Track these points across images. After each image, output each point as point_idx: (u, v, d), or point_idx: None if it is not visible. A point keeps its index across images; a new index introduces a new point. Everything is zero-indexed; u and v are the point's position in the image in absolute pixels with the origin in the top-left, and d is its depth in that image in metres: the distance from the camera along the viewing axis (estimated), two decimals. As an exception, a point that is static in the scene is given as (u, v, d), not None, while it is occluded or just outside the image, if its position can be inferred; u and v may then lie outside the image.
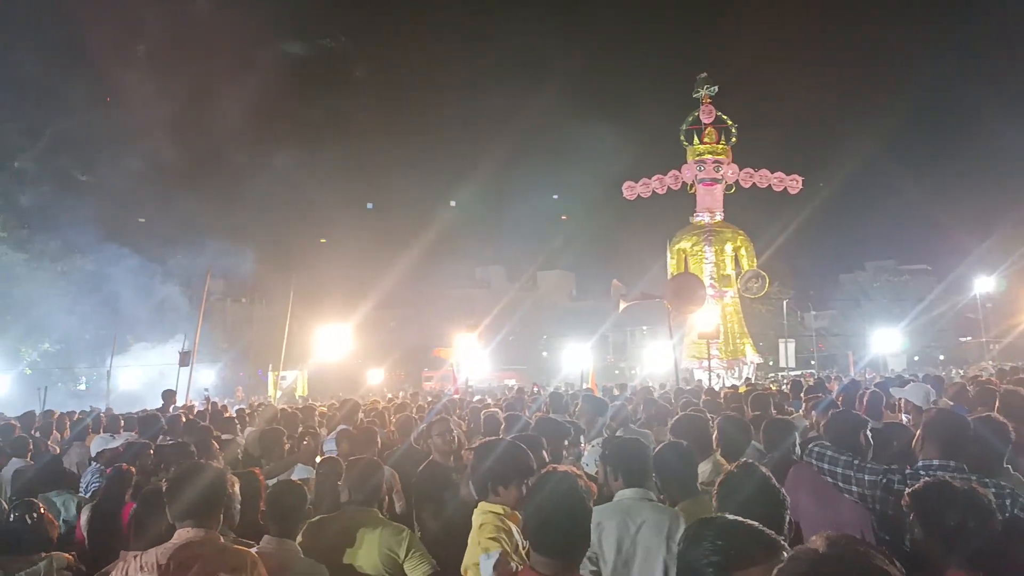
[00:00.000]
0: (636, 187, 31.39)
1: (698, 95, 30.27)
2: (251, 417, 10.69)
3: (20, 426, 9.82)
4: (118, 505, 5.29)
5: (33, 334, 31.04)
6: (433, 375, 38.72)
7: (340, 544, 3.91)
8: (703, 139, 29.94)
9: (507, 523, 3.40)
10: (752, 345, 29.03)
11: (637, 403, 9.69)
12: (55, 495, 5.71)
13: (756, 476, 3.12)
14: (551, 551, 2.65)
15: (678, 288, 18.95)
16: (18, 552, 4.10)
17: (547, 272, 72.42)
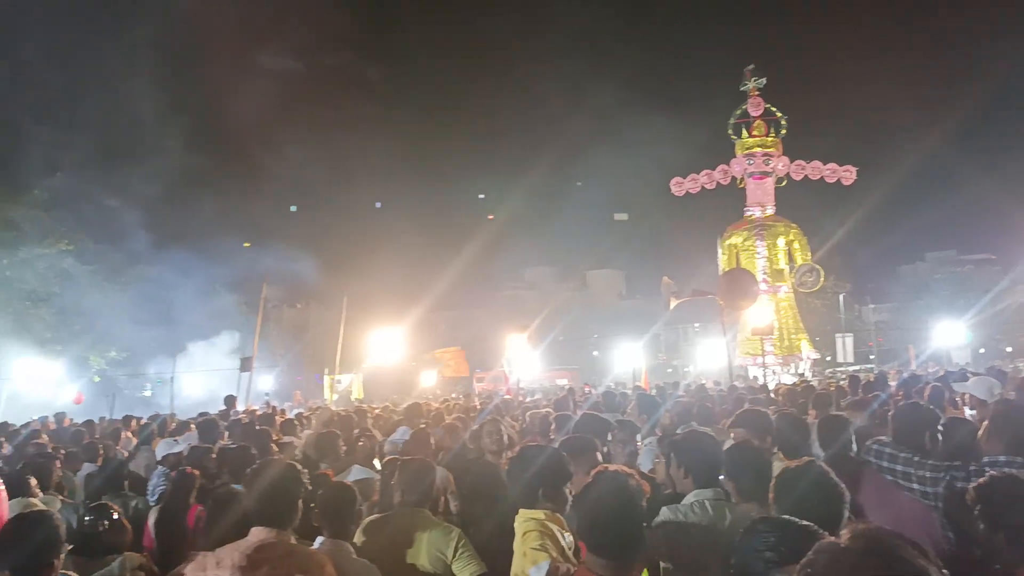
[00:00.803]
0: (684, 183, 31.09)
1: (746, 88, 29.87)
2: (308, 420, 10.87)
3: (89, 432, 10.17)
4: (183, 507, 5.44)
5: (100, 343, 31.95)
6: (485, 376, 38.82)
7: (393, 544, 3.95)
8: (752, 132, 29.53)
9: (550, 527, 3.39)
10: (808, 340, 28.54)
11: (691, 401, 9.63)
12: (124, 498, 5.88)
13: (814, 472, 3.08)
14: (606, 551, 2.67)
15: (730, 284, 18.71)
16: (93, 554, 4.24)
17: (596, 271, 72.16)
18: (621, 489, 2.76)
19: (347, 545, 3.69)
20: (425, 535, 3.96)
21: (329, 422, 9.24)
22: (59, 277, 31.46)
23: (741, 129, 29.84)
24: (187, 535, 5.23)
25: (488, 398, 16.42)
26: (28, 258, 30.29)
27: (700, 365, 34.36)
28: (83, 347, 30.99)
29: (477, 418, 8.61)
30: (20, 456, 7.81)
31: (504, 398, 14.49)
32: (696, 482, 3.78)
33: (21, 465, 6.08)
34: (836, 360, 30.94)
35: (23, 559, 2.71)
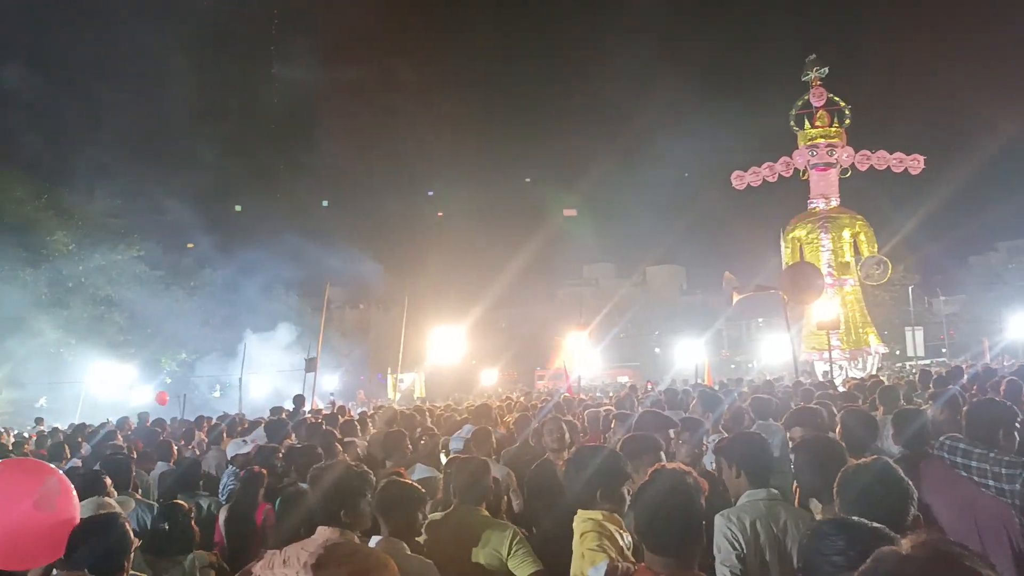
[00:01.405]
0: (746, 176, 30.60)
1: (807, 78, 29.24)
2: (372, 420, 11.02)
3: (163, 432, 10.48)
4: (252, 506, 5.56)
5: (171, 346, 32.94)
6: (545, 374, 38.84)
7: (450, 543, 3.96)
8: (815, 123, 28.90)
9: (607, 527, 3.37)
10: (876, 334, 27.83)
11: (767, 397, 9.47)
12: (196, 497, 6.03)
13: (878, 468, 3.01)
14: (664, 549, 2.65)
15: (794, 278, 18.34)
16: (164, 553, 4.36)
17: (657, 267, 71.50)
18: (679, 486, 2.74)
19: (402, 543, 3.72)
20: (481, 534, 3.97)
21: (392, 421, 9.35)
22: (131, 282, 32.51)
23: (803, 120, 29.23)
24: (256, 533, 5.35)
25: (549, 396, 16.43)
26: (102, 264, 31.38)
27: (764, 360, 33.83)
28: (154, 350, 31.98)
29: (538, 416, 8.62)
30: (97, 456, 8.05)
31: (565, 396, 14.47)
32: (751, 482, 3.74)
33: (98, 464, 6.29)
34: (906, 354, 30.07)
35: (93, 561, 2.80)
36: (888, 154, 28.83)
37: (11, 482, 3.13)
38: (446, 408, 12.81)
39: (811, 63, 29.24)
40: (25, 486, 3.10)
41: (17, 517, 3.01)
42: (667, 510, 2.67)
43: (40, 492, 3.08)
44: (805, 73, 29.33)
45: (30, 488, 3.09)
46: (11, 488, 3.09)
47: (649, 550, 2.70)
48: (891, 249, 29.00)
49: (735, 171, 30.93)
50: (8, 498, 3.05)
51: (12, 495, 3.06)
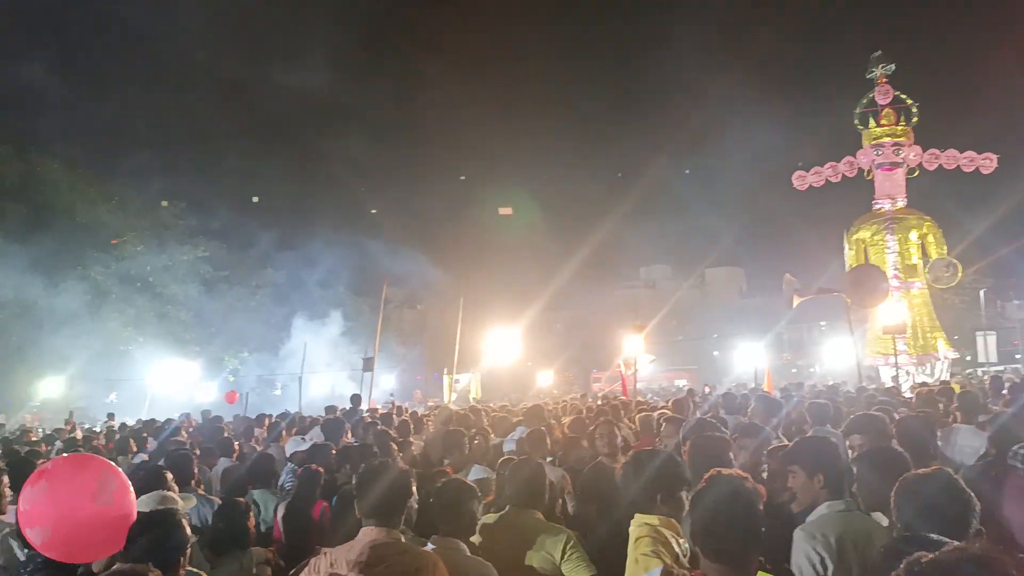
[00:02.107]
0: (808, 177, 29.98)
1: (872, 75, 28.52)
2: (429, 419, 11.10)
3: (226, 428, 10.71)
4: (309, 503, 5.64)
5: (233, 344, 33.71)
6: (601, 376, 38.65)
7: (503, 545, 3.95)
8: (880, 121, 28.16)
9: (663, 533, 3.32)
10: (945, 339, 26.98)
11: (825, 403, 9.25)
12: (259, 493, 6.13)
13: (939, 479, 2.91)
14: (721, 557, 2.60)
15: (858, 281, 17.94)
16: (221, 549, 4.45)
17: (716, 269, 70.61)
18: (738, 492, 2.69)
19: (460, 543, 3.72)
20: (535, 537, 3.94)
21: (449, 421, 9.39)
22: (195, 281, 33.39)
23: (868, 118, 28.51)
24: (313, 530, 5.43)
25: (604, 399, 16.33)
26: (168, 264, 32.30)
27: (826, 365, 33.17)
28: (218, 347, 32.75)
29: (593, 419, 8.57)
30: (161, 452, 8.25)
31: (620, 399, 14.36)
32: (830, 492, 3.53)
33: (161, 460, 6.44)
34: (977, 360, 29.14)
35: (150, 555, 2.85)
36: (958, 153, 27.94)
37: (69, 477, 3.22)
38: (501, 409, 12.82)
39: (876, 59, 28.51)
40: (83, 481, 3.18)
41: (76, 511, 3.09)
42: (725, 516, 2.63)
43: (97, 486, 3.16)
44: (870, 70, 28.62)
45: (88, 482, 3.17)
46: (70, 483, 3.18)
47: (706, 557, 2.65)
48: (962, 251, 28.08)
49: (797, 171, 30.33)
50: (67, 493, 3.14)
51: (71, 490, 3.15)
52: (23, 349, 28.21)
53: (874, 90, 28.40)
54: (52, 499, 3.13)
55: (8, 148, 30.29)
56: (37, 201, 29.31)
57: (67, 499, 3.13)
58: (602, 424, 5.63)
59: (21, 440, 11.75)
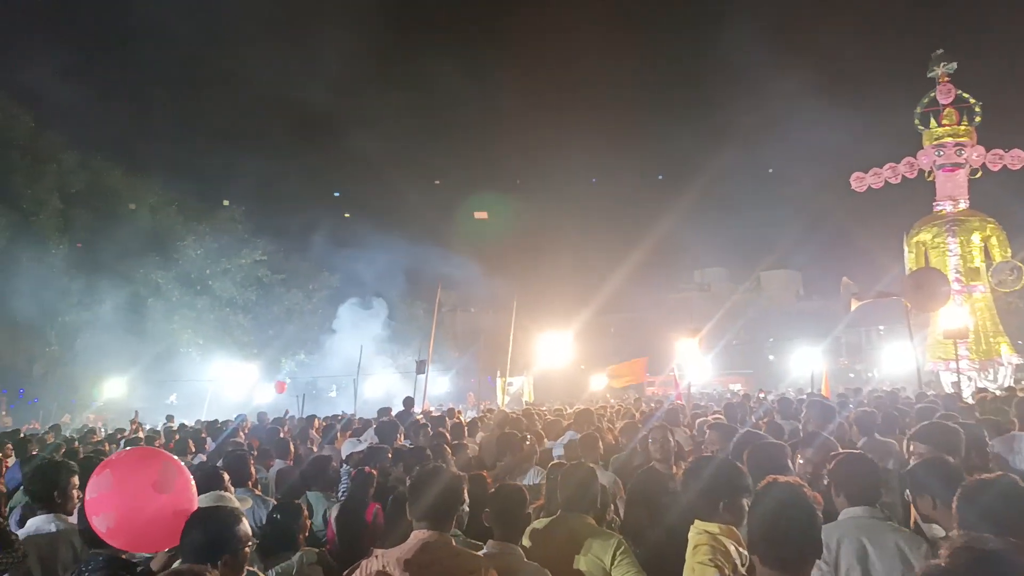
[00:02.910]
0: (866, 178, 29.34)
1: (933, 74, 27.79)
2: (482, 423, 11.16)
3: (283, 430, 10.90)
4: (362, 505, 5.70)
5: (290, 346, 34.30)
6: (655, 380, 38.31)
7: (555, 550, 3.95)
8: (941, 121, 27.43)
9: (723, 542, 3.30)
10: (1009, 344, 26.15)
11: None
12: (314, 495, 6.21)
13: (1003, 484, 2.86)
14: (779, 564, 2.59)
15: (918, 284, 17.49)
16: (274, 550, 4.54)
17: (772, 272, 69.51)
18: (797, 499, 2.68)
19: (516, 548, 3.73)
20: (585, 542, 3.94)
21: (503, 424, 9.44)
22: (253, 285, 34.05)
23: (929, 118, 27.80)
24: (366, 531, 5.49)
25: (658, 403, 16.21)
26: (228, 268, 33.01)
27: (885, 370, 32.42)
28: (275, 350, 33.34)
29: (646, 424, 8.54)
30: (220, 452, 8.41)
31: (675, 404, 14.25)
32: (849, 501, 3.68)
33: (220, 461, 6.59)
34: (1044, 365, 28.15)
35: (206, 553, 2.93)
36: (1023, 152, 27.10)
37: (134, 467, 3.34)
38: (553, 413, 12.83)
39: (938, 58, 27.78)
40: (146, 471, 3.29)
41: (139, 500, 3.20)
42: (784, 523, 2.62)
43: (160, 476, 3.27)
44: (931, 69, 27.91)
45: (150, 473, 3.28)
46: (134, 473, 3.30)
47: (763, 563, 2.65)
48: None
49: (855, 172, 29.73)
50: (131, 482, 3.25)
51: (134, 480, 3.26)
52: (88, 351, 29.10)
53: (935, 89, 27.70)
54: (116, 488, 3.25)
55: (73, 156, 31.33)
56: (100, 207, 30.23)
57: (130, 488, 3.24)
58: (656, 429, 5.58)
59: (86, 440, 12.11)
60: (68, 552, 4.32)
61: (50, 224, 28.96)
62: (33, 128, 30.83)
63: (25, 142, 30.09)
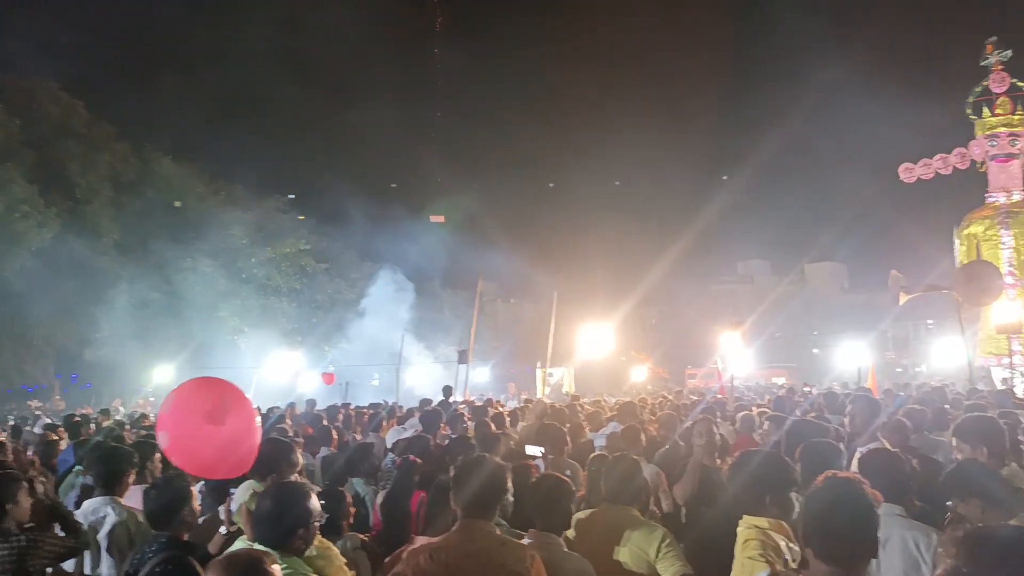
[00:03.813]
0: (916, 169, 28.71)
1: (987, 62, 27.05)
2: (523, 413, 11.20)
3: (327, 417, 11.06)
4: (407, 493, 5.77)
5: (334, 335, 34.68)
6: (696, 373, 38.07)
7: (598, 541, 3.95)
8: (995, 110, 26.72)
9: (773, 537, 3.28)
10: (1065, 339, 25.49)
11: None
12: (358, 482, 6.31)
13: None
14: (833, 558, 2.59)
15: (969, 277, 17.10)
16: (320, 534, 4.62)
17: (816, 264, 68.41)
18: (855, 494, 2.67)
19: (558, 539, 3.75)
20: (629, 533, 3.93)
21: (543, 415, 9.47)
22: (298, 274, 34.49)
23: (982, 108, 27.09)
24: (411, 519, 5.56)
25: (700, 396, 16.12)
26: (273, 257, 33.47)
27: (934, 365, 31.82)
28: (318, 338, 33.76)
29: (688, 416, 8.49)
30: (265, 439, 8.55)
31: (716, 396, 14.16)
32: (885, 498, 3.62)
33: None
34: (1101, 362, 27.36)
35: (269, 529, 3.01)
36: (1082, 143, 26.30)
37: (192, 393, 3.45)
38: (594, 404, 12.83)
39: (992, 45, 27.07)
40: (201, 398, 3.39)
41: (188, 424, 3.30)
42: (841, 517, 2.61)
43: (211, 406, 3.36)
44: (984, 57, 27.19)
45: (204, 401, 3.38)
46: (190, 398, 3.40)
47: (816, 557, 2.64)
48: (1085, 247, 26.42)
49: (904, 163, 29.12)
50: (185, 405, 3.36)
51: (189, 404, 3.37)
52: (137, 337, 29.76)
53: (988, 78, 26.98)
54: (173, 409, 3.37)
55: (125, 146, 31.99)
56: (151, 196, 30.84)
57: (183, 412, 3.35)
58: (700, 422, 5.55)
59: (139, 424, 12.40)
60: (124, 534, 4.44)
61: (102, 212, 29.64)
62: (88, 118, 31.57)
63: (81, 131, 30.82)
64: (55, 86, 31.11)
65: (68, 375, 33.81)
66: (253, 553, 2.17)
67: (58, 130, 30.41)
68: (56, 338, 30.20)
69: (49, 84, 31.01)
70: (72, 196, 29.03)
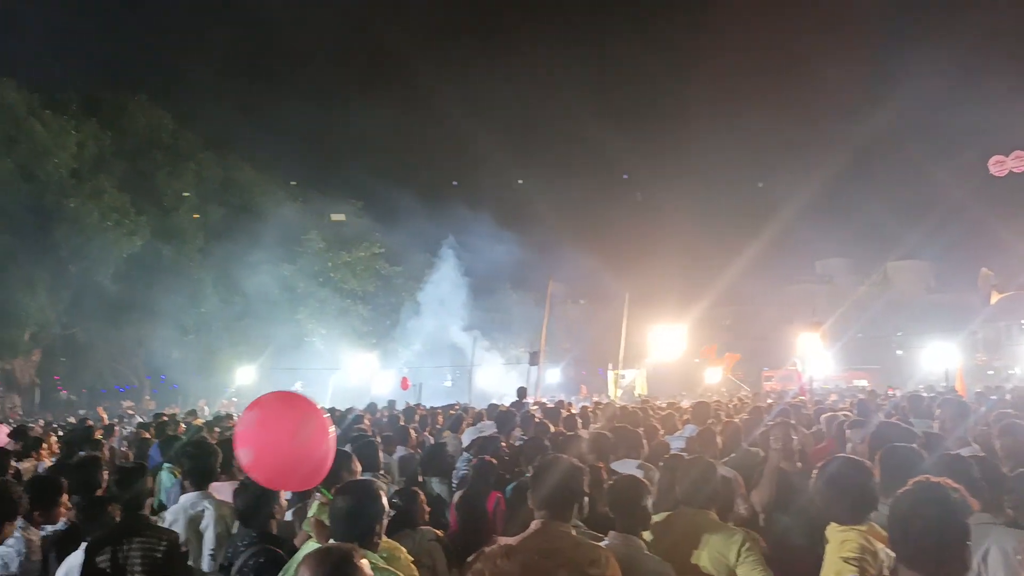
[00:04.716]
0: (1007, 162, 27.55)
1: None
2: (595, 415, 11.17)
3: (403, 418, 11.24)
4: (483, 494, 5.82)
5: (407, 336, 35.21)
6: (773, 375, 37.27)
7: (676, 544, 3.92)
8: (1094, 100, 25.53)
9: (873, 542, 3.22)
10: None
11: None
12: (435, 482, 6.40)
13: None
14: (919, 564, 2.54)
15: (1065, 276, 16.38)
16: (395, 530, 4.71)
17: (900, 263, 66.22)
18: (943, 500, 2.62)
19: (638, 540, 3.74)
20: (708, 537, 3.89)
21: (615, 417, 9.44)
22: (372, 277, 35.11)
23: (1078, 97, 25.89)
24: (487, 519, 5.60)
25: (777, 398, 15.82)
26: (348, 261, 34.17)
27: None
28: (393, 340, 34.32)
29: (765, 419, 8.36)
30: (345, 439, 8.74)
31: (798, 398, 13.87)
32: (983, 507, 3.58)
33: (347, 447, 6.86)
34: None
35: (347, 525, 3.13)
36: None
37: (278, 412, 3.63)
38: (669, 406, 12.73)
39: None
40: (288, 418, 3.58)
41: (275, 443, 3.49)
42: (920, 522, 2.57)
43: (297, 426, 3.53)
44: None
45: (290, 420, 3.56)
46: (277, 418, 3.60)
47: (902, 562, 2.60)
48: None
49: (994, 156, 28.01)
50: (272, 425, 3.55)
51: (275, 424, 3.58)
52: (221, 339, 30.76)
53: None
54: (258, 427, 3.54)
55: (211, 155, 33.13)
56: (234, 203, 31.86)
57: (270, 431, 3.51)
58: (777, 426, 5.44)
59: (222, 424, 12.82)
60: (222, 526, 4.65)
61: (188, 219, 30.75)
62: (174, 129, 32.83)
63: (167, 142, 32.08)
64: (144, 99, 32.46)
65: (157, 376, 35.19)
66: (344, 546, 2.26)
67: (147, 141, 31.72)
68: (147, 340, 31.43)
69: (139, 98, 32.38)
70: (160, 204, 30.20)
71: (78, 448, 8.01)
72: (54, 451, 8.30)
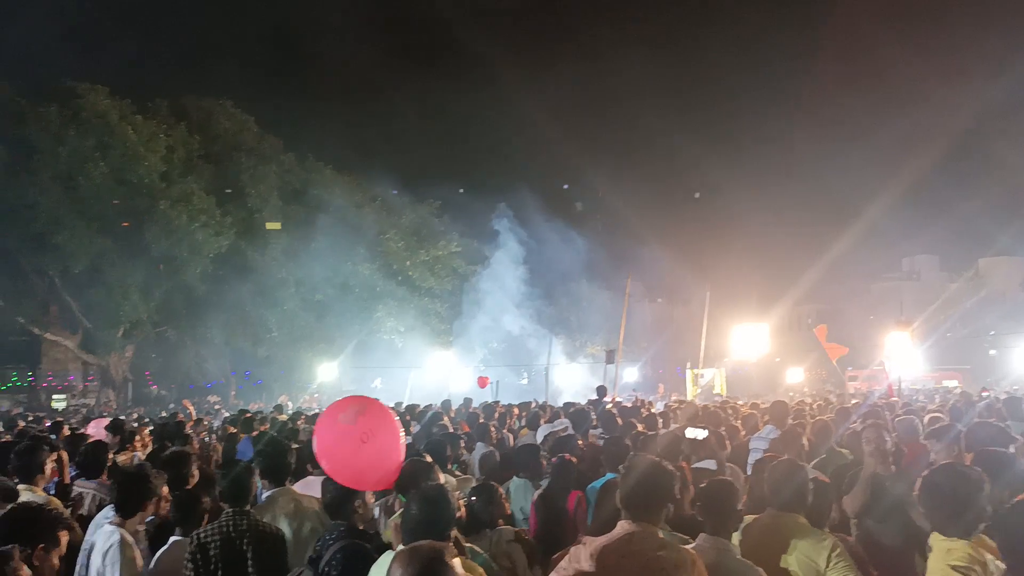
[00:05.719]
0: (1111, 153, 26.15)
1: None
2: (674, 414, 11.03)
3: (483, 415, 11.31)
4: (563, 493, 5.78)
5: (484, 333, 35.41)
6: (858, 375, 36.20)
7: (764, 547, 3.83)
8: None
9: (981, 552, 3.09)
10: None
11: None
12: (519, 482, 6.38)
13: None
14: None
15: None
16: (473, 529, 4.74)
17: (993, 259, 63.41)
18: None
19: (732, 545, 3.67)
20: (796, 541, 3.78)
21: (695, 417, 9.30)
22: (450, 276, 35.42)
23: None
24: (567, 519, 5.56)
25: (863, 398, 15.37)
26: (425, 259, 34.55)
27: None
28: (469, 338, 34.56)
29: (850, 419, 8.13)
30: (425, 435, 8.83)
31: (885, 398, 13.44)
32: None
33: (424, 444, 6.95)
34: None
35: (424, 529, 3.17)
36: None
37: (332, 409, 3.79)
38: (751, 406, 12.48)
39: None
40: (336, 407, 3.75)
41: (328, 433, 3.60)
42: None
43: (343, 409, 3.66)
44: None
45: (337, 408, 3.73)
46: (328, 413, 3.76)
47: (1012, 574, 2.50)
48: None
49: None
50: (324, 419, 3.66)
51: (326, 416, 3.71)
52: (304, 337, 31.49)
53: None
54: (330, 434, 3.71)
55: (291, 157, 33.94)
56: (313, 204, 32.57)
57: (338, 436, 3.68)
58: (869, 428, 5.24)
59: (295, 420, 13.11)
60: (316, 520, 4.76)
61: (271, 220, 31.59)
62: (257, 132, 33.76)
63: (251, 145, 33.01)
64: (229, 103, 33.46)
65: (242, 372, 36.29)
66: (436, 544, 2.28)
67: (231, 145, 32.71)
68: (232, 338, 32.43)
69: (224, 102, 33.40)
70: (244, 206, 31.10)
71: (170, 441, 8.29)
72: (147, 444, 8.60)
